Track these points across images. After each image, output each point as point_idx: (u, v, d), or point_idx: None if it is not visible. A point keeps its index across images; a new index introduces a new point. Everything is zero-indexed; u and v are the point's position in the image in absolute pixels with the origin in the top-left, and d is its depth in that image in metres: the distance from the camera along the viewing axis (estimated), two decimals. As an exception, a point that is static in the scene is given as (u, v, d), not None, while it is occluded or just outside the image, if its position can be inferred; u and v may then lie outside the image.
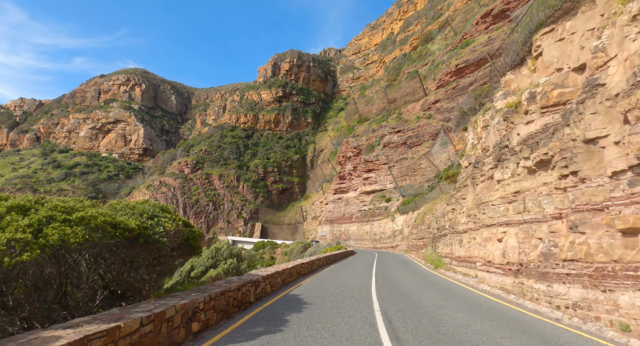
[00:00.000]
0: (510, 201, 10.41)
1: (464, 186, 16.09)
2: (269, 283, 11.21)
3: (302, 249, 59.49)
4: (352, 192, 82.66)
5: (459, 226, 16.53)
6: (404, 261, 28.32)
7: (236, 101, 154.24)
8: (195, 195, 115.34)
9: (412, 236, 38.88)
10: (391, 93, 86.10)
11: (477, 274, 13.38)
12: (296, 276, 14.98)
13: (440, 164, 54.93)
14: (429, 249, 27.58)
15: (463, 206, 16.03)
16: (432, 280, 14.48)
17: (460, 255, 16.17)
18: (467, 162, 16.30)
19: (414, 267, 21.59)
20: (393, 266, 22.32)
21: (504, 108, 11.49)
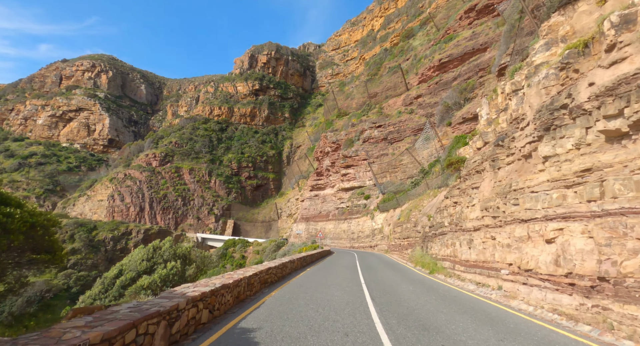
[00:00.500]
0: (572, 184, 7.13)
1: (475, 172, 12.81)
2: (206, 306, 7.25)
3: (275, 248, 55.59)
4: (330, 189, 79.36)
5: (467, 222, 13.25)
6: (389, 263, 25.00)
7: (210, 93, 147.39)
8: (163, 189, 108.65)
9: (395, 235, 35.85)
10: (372, 87, 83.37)
11: (501, 285, 10.07)
12: (259, 287, 11.22)
13: (423, 160, 52.44)
14: (418, 250, 24.45)
15: (474, 198, 12.76)
16: (443, 293, 11.02)
17: (469, 259, 12.88)
18: (480, 143, 13.04)
19: (406, 272, 18.23)
20: (381, 270, 18.89)
21: (556, 57, 8.24)
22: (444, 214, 17.12)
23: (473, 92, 52.68)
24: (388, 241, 44.38)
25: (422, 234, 24.14)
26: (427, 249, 21.09)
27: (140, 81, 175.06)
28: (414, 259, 24.60)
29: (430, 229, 20.41)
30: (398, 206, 44.58)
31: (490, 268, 10.94)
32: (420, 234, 26.83)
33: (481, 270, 11.64)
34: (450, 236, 15.68)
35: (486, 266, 11.28)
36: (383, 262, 25.70)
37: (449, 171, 23.46)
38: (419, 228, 27.28)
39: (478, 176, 12.62)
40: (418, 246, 25.54)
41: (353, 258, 30.54)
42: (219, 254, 63.25)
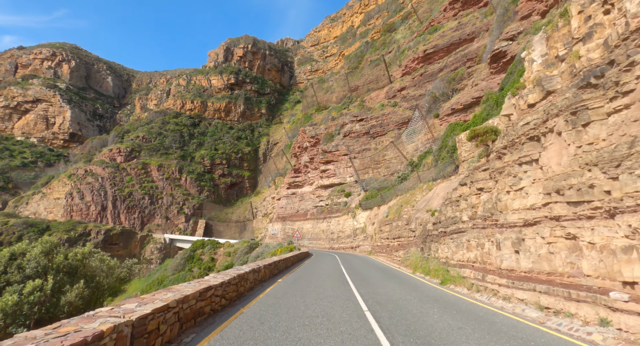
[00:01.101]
0: None
1: (527, 140, 8.74)
2: None
3: (247, 249, 50.63)
4: (308, 186, 74.92)
5: (509, 215, 9.17)
6: (381, 268, 20.80)
7: (182, 86, 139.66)
8: (128, 187, 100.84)
9: (381, 235, 31.84)
10: (353, 81, 79.66)
11: (608, 318, 5.94)
12: (191, 324, 6.67)
13: (409, 154, 48.92)
14: (414, 252, 20.40)
15: (524, 178, 8.66)
16: (506, 329, 6.75)
17: (516, 268, 8.82)
18: (536, 95, 8.94)
19: (410, 282, 14.04)
20: (377, 280, 14.62)
21: None
22: (460, 206, 13.02)
23: (461, 83, 49.70)
24: (372, 241, 40.41)
25: (420, 233, 20.09)
26: (430, 251, 17.02)
27: (107, 72, 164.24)
28: (410, 263, 20.55)
29: (435, 226, 16.30)
30: (383, 203, 40.72)
31: (570, 286, 6.81)
32: (415, 234, 22.84)
33: (547, 287, 7.51)
34: (473, 234, 11.58)
35: (559, 282, 7.15)
36: (373, 267, 21.50)
37: (425, 169, 19.64)
38: (414, 226, 23.28)
39: (532, 146, 8.55)
40: (414, 248, 21.52)
41: (335, 261, 26.22)
42: (186, 257, 57.50)
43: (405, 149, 50.22)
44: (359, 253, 45.85)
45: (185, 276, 53.64)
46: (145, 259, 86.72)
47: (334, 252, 46.44)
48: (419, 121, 43.70)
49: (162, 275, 56.81)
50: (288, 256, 21.98)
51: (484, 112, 24.86)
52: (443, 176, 24.72)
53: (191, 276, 53.30)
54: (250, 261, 45.89)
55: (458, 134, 24.25)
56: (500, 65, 39.55)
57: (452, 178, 23.36)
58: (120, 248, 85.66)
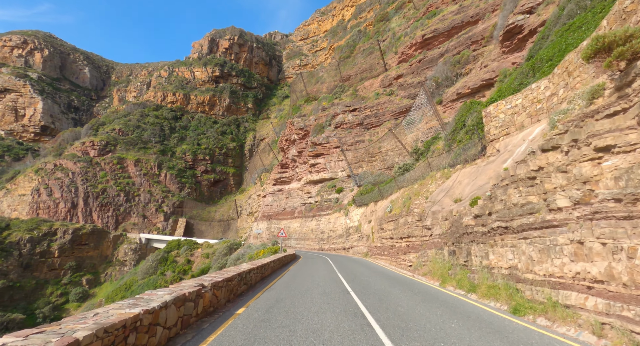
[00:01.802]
0: None
1: None
2: None
3: (226, 250, 45.01)
4: (296, 182, 69.60)
5: None
6: (394, 279, 15.61)
7: (164, 77, 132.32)
8: (102, 183, 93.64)
9: (383, 234, 26.79)
10: (345, 70, 74.61)
11: None
12: None
13: (408, 145, 44.08)
14: (436, 256, 15.40)
15: None
16: None
17: None
18: None
19: (456, 307, 8.91)
20: (403, 301, 9.42)
21: None
22: (544, 186, 7.95)
23: (465, 68, 45.14)
24: (369, 242, 35.37)
25: (445, 230, 15.03)
26: (469, 256, 11.99)
27: (84, 63, 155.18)
28: (428, 270, 15.55)
29: (480, 220, 11.22)
30: (382, 198, 35.74)
31: None
32: (432, 232, 17.86)
33: None
34: (591, 230, 6.48)
35: None
36: (381, 276, 16.36)
37: (440, 154, 14.74)
38: (429, 222, 18.28)
39: None
40: (433, 250, 16.49)
41: (329, 268, 21.03)
42: (158, 259, 51.43)
43: (405, 139, 45.39)
44: (353, 254, 40.76)
45: (156, 280, 47.70)
46: (119, 261, 79.97)
47: (324, 254, 41.24)
48: (423, 105, 38.84)
49: (131, 279, 50.69)
50: (268, 262, 16.67)
51: (515, 82, 20.03)
52: (465, 161, 19.79)
53: (163, 280, 47.39)
54: (230, 264, 40.32)
55: (484, 108, 19.35)
56: (515, 42, 35.03)
57: (479, 162, 18.45)
58: (91, 249, 78.76)
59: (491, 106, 18.49)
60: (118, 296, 47.35)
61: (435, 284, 13.16)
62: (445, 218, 15.38)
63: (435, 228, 17.87)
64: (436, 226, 17.76)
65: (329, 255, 37.83)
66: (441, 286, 12.78)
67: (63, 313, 66.69)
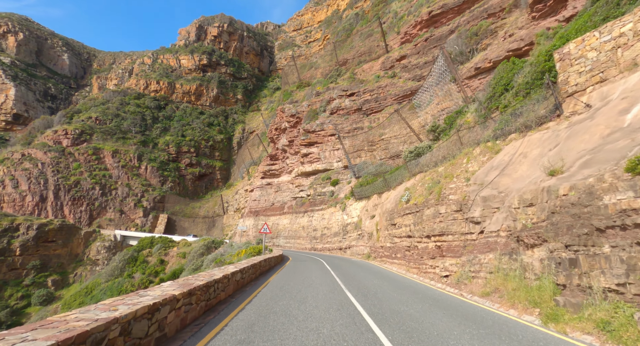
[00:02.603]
0: None
1: None
2: None
3: (203, 250, 38.63)
4: (286, 175, 63.40)
5: None
6: (448, 305, 9.50)
7: (147, 64, 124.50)
8: (75, 175, 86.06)
9: (395, 231, 20.86)
10: (341, 54, 68.59)
11: None
12: None
13: (416, 128, 38.21)
14: (515, 265, 9.38)
15: None
16: None
17: None
18: None
19: None
20: None
21: None
22: None
23: (482, 43, 39.43)
24: (371, 241, 29.40)
25: (538, 223, 8.88)
26: (631, 273, 5.59)
27: (63, 49, 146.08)
28: (499, 290, 9.61)
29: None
30: (387, 189, 29.82)
31: None
32: (483, 227, 11.96)
33: None
34: None
35: None
36: (421, 299, 10.28)
37: (473, 127, 9.21)
38: (478, 212, 12.42)
39: None
40: (496, 256, 10.46)
41: (329, 279, 14.88)
42: (126, 259, 44.72)
43: (412, 124, 39.52)
44: (351, 256, 34.77)
45: (122, 283, 41.08)
46: (90, 260, 72.73)
47: (317, 255, 35.12)
48: (444, 72, 32.98)
49: (94, 282, 43.99)
50: (241, 269, 10.48)
51: (596, 17, 14.20)
52: (523, 127, 13.90)
53: (130, 283, 40.75)
54: (206, 267, 34.02)
55: (557, 49, 13.46)
56: (550, 4, 29.39)
57: (552, 125, 12.64)
58: (59, 247, 71.34)
59: (571, 44, 12.60)
60: (76, 302, 40.64)
61: (530, 320, 7.13)
62: (529, 203, 9.36)
63: (488, 222, 11.92)
64: (490, 219, 11.82)
65: (324, 257, 31.75)
66: (546, 325, 6.78)
67: (23, 318, 59.46)
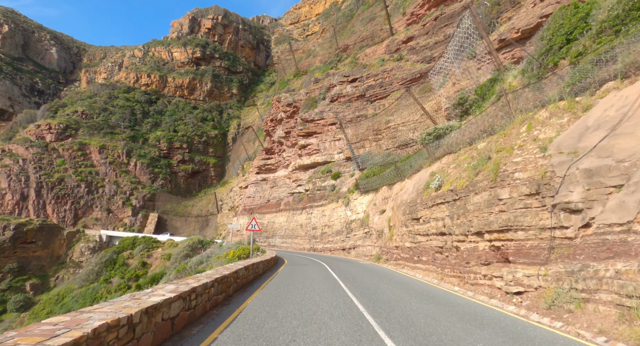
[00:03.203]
0: None
1: None
2: None
3: (188, 251, 34.03)
4: (283, 170, 58.83)
5: None
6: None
7: (137, 57, 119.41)
8: (59, 172, 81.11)
9: (419, 227, 16.40)
10: (341, 40, 64.03)
11: None
12: None
13: (433, 110, 33.69)
14: None
15: None
16: None
17: None
18: None
19: None
20: None
21: None
22: None
23: (502, 16, 35.00)
24: (382, 240, 24.88)
25: None
26: None
27: (51, 42, 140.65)
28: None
29: None
30: (399, 180, 25.35)
31: None
32: (586, 217, 7.13)
33: None
34: None
35: None
36: None
37: None
38: (581, 196, 7.68)
39: None
40: None
41: (348, 303, 10.07)
42: (104, 261, 40.02)
43: (427, 105, 35.02)
44: (357, 257, 30.25)
45: (98, 289, 36.39)
46: (73, 262, 67.80)
47: (318, 257, 30.52)
48: (471, 33, 28.53)
49: (67, 288, 39.33)
50: (194, 287, 5.79)
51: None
52: (631, 68, 9.35)
53: (106, 290, 36.06)
54: (189, 272, 29.43)
55: None
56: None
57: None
58: (39, 248, 66.40)
59: None
60: (45, 311, 36.00)
61: None
62: None
63: (599, 209, 7.39)
64: (603, 204, 7.29)
65: (325, 259, 27.17)
66: None
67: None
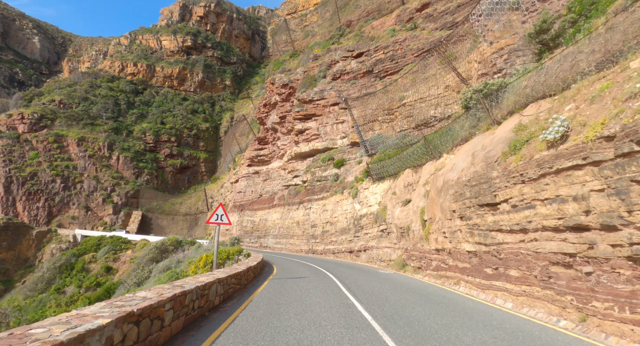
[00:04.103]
0: None
1: None
2: None
3: (156, 253, 27.06)
4: (277, 161, 51.95)
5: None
6: None
7: (124, 45, 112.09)
8: (32, 166, 73.83)
9: (496, 217, 9.47)
10: (344, 16, 57.22)
11: None
12: None
13: (452, 84, 26.89)
14: None
15: None
16: None
17: None
18: None
19: None
20: None
21: None
22: None
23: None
24: (411, 240, 18.08)
25: None
26: None
27: (33, 31, 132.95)
28: None
29: None
30: (429, 159, 18.61)
31: None
32: None
33: None
34: None
35: None
36: None
37: None
38: None
39: None
40: None
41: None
42: (59, 266, 32.95)
43: (450, 76, 28.24)
44: (369, 262, 23.38)
45: (46, 301, 29.25)
46: (43, 265, 60.45)
47: (318, 262, 23.51)
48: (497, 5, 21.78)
49: (10, 300, 32.27)
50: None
51: None
52: None
53: (56, 303, 28.95)
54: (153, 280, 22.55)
55: None
56: None
57: None
58: (3, 249, 59.24)
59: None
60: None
61: None
62: None
63: None
64: None
65: (330, 265, 20.21)
66: None
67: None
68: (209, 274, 9.42)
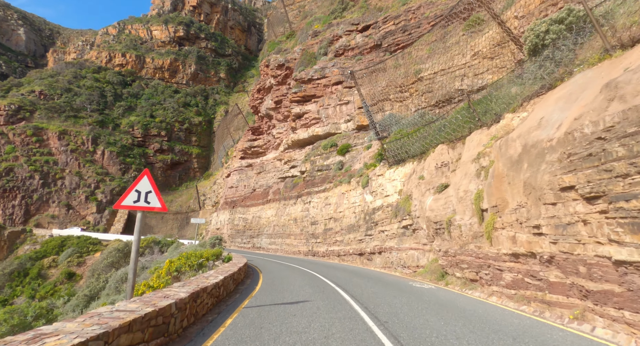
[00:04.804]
0: None
1: None
2: None
3: (119, 257, 21.65)
4: (272, 152, 46.61)
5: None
6: None
7: (112, 35, 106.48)
8: (7, 161, 68.26)
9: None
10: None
11: None
12: None
13: (485, 47, 21.63)
14: None
15: None
16: None
17: None
18: None
19: None
20: None
21: None
22: None
23: None
24: (460, 239, 12.70)
25: None
26: None
27: (19, 23, 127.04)
28: None
29: None
30: (473, 129, 13.24)
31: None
32: None
33: None
34: None
35: None
36: None
37: None
38: None
39: None
40: None
41: None
42: (8, 274, 27.53)
43: (480, 40, 22.98)
44: (385, 268, 17.97)
45: None
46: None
47: (321, 268, 17.95)
48: None
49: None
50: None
51: None
52: None
53: (1, 316, 23.20)
54: (107, 293, 17.27)
55: None
56: None
57: None
58: (-30, 252, 53.59)
59: None
60: None
61: None
62: None
63: None
64: None
65: (338, 274, 14.76)
66: None
67: None
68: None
